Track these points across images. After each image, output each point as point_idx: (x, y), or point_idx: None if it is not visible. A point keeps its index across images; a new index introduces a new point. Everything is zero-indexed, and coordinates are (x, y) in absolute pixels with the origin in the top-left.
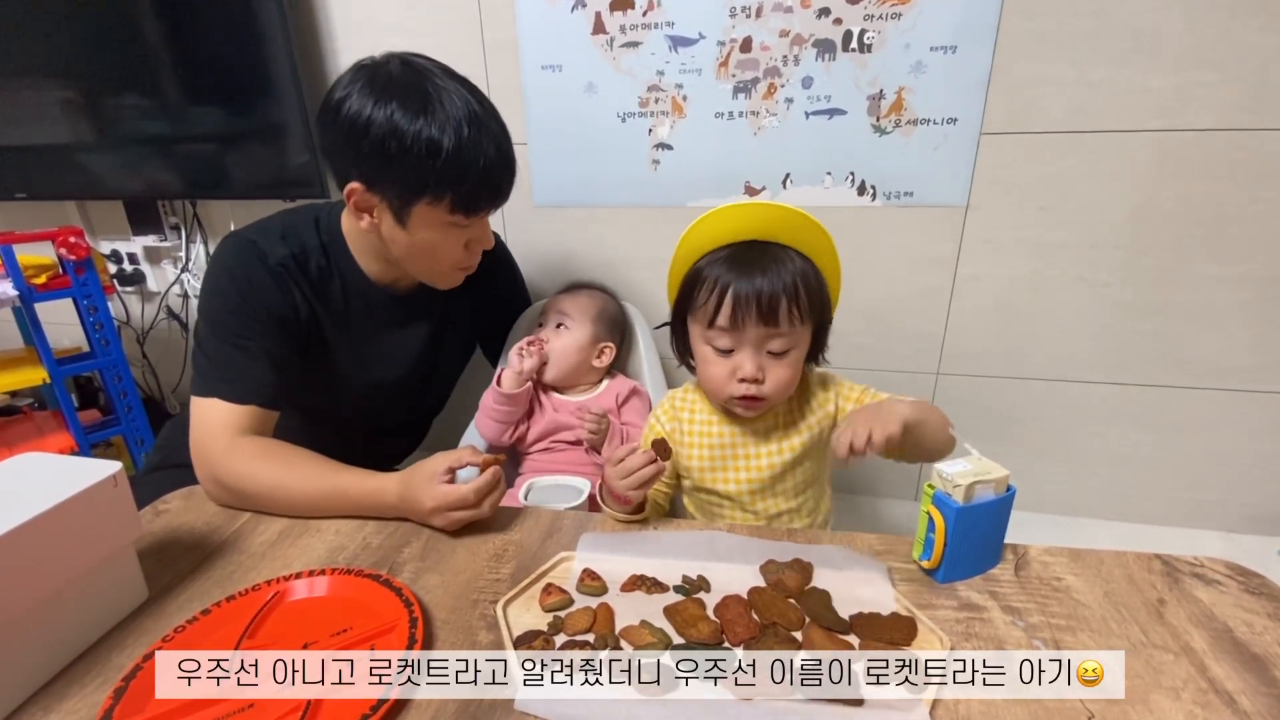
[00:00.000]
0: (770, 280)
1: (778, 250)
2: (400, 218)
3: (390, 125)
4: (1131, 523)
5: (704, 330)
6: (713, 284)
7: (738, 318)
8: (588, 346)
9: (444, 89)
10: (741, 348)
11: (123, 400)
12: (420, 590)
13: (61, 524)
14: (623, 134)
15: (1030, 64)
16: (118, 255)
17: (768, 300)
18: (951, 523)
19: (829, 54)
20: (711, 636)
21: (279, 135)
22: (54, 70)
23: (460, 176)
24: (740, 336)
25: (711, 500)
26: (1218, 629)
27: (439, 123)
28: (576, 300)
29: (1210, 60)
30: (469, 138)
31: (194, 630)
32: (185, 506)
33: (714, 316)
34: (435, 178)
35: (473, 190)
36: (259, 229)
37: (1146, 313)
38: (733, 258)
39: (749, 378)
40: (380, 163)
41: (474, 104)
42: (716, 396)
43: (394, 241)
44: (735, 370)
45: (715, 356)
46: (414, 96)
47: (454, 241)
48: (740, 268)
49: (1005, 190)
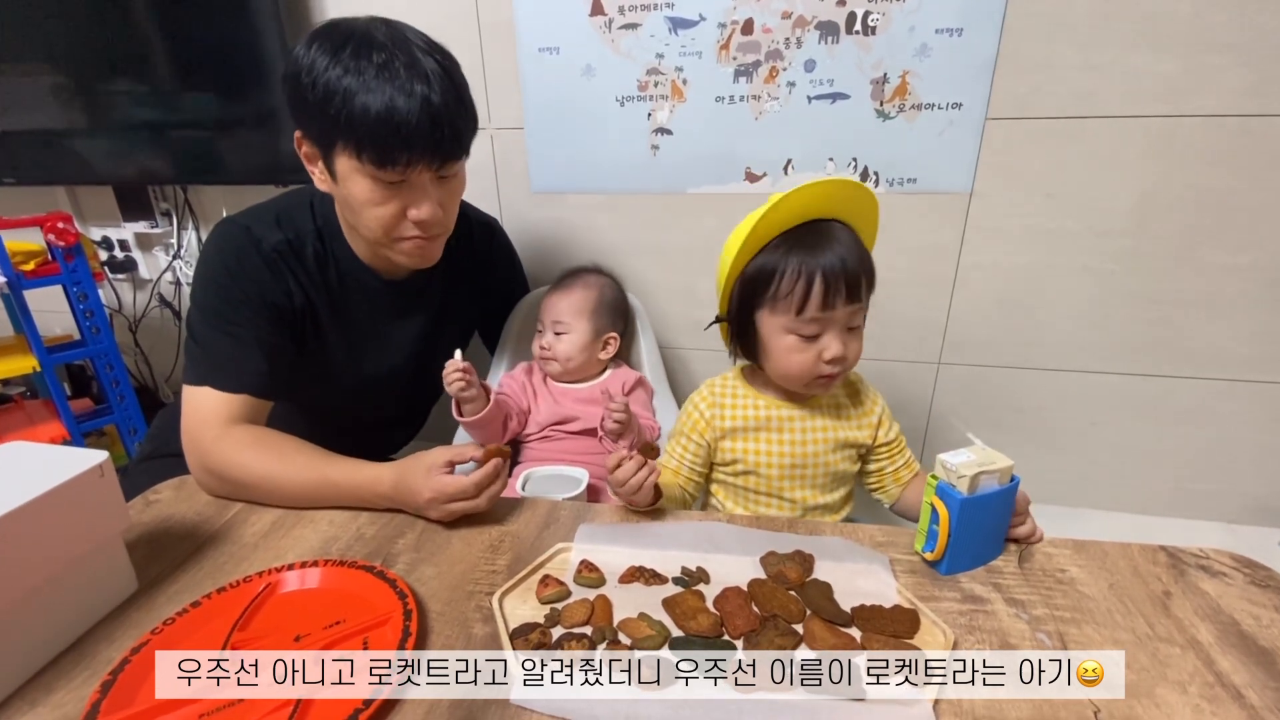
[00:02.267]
0: (845, 257)
1: (830, 226)
2: (331, 169)
3: (310, 67)
4: (1132, 513)
5: (789, 320)
6: (796, 273)
7: (830, 300)
8: (591, 344)
9: (377, 39)
10: (829, 329)
11: (115, 389)
12: (415, 582)
13: (46, 514)
14: (621, 118)
15: (1037, 47)
16: (108, 242)
17: (850, 276)
18: (955, 514)
19: (832, 36)
20: (711, 629)
21: (270, 120)
22: (44, 55)
23: (364, 116)
24: (829, 319)
25: (746, 486)
26: (1224, 622)
27: (348, 65)
28: (570, 299)
29: (1219, 43)
30: (379, 80)
31: (184, 623)
32: (176, 497)
33: (803, 304)
34: (344, 120)
35: (383, 137)
36: (253, 214)
37: (1151, 302)
38: (803, 241)
39: (838, 357)
40: (302, 105)
41: (409, 57)
42: (799, 380)
43: (337, 200)
44: (822, 353)
45: (800, 344)
46: (344, 43)
47: (382, 200)
48: (816, 250)
49: (1010, 177)
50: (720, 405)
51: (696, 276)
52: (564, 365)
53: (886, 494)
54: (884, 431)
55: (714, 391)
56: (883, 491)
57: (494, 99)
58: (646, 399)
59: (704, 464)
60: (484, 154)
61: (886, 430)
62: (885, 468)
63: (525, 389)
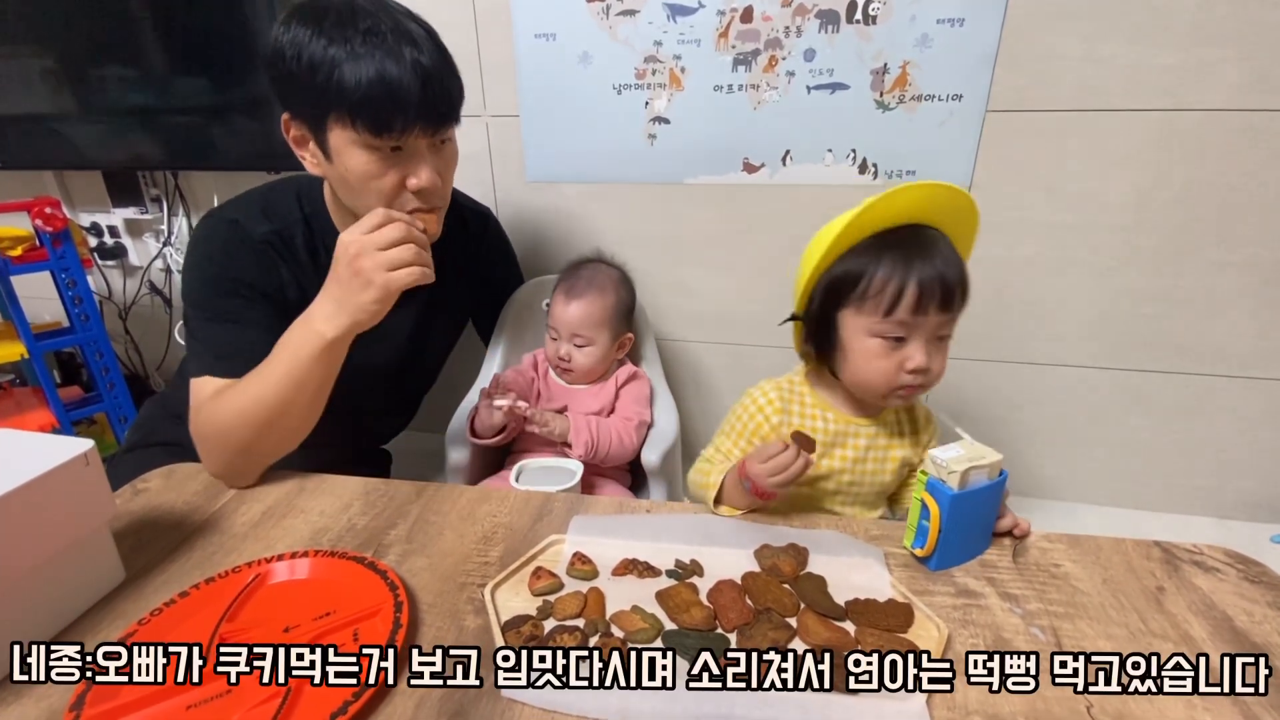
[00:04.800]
0: (944, 265)
1: (930, 232)
2: (324, 147)
3: (294, 42)
4: (1125, 508)
5: (875, 322)
6: (889, 273)
7: (923, 305)
8: (611, 351)
9: (360, 8)
10: (915, 337)
11: (105, 377)
12: (406, 573)
13: (30, 503)
14: (618, 107)
15: (1039, 38)
16: (98, 228)
17: (945, 286)
18: (946, 509)
19: (832, 25)
20: (704, 622)
21: (263, 105)
22: (33, 37)
23: (357, 85)
24: (918, 325)
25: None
26: (1217, 618)
27: (333, 35)
28: (590, 310)
29: (1222, 36)
30: (366, 47)
31: (172, 613)
32: (165, 485)
33: (893, 307)
34: (335, 90)
35: (377, 103)
36: (238, 206)
37: (1149, 297)
38: (901, 244)
39: (921, 368)
40: (289, 83)
41: (393, 22)
42: (878, 390)
43: (332, 180)
44: (904, 361)
45: (884, 349)
46: (323, 13)
47: (380, 171)
48: (915, 255)
49: (1009, 170)
50: (789, 413)
51: (691, 268)
52: (584, 375)
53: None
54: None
55: (783, 396)
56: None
57: (489, 86)
58: (641, 393)
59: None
60: (479, 142)
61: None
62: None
63: (533, 386)
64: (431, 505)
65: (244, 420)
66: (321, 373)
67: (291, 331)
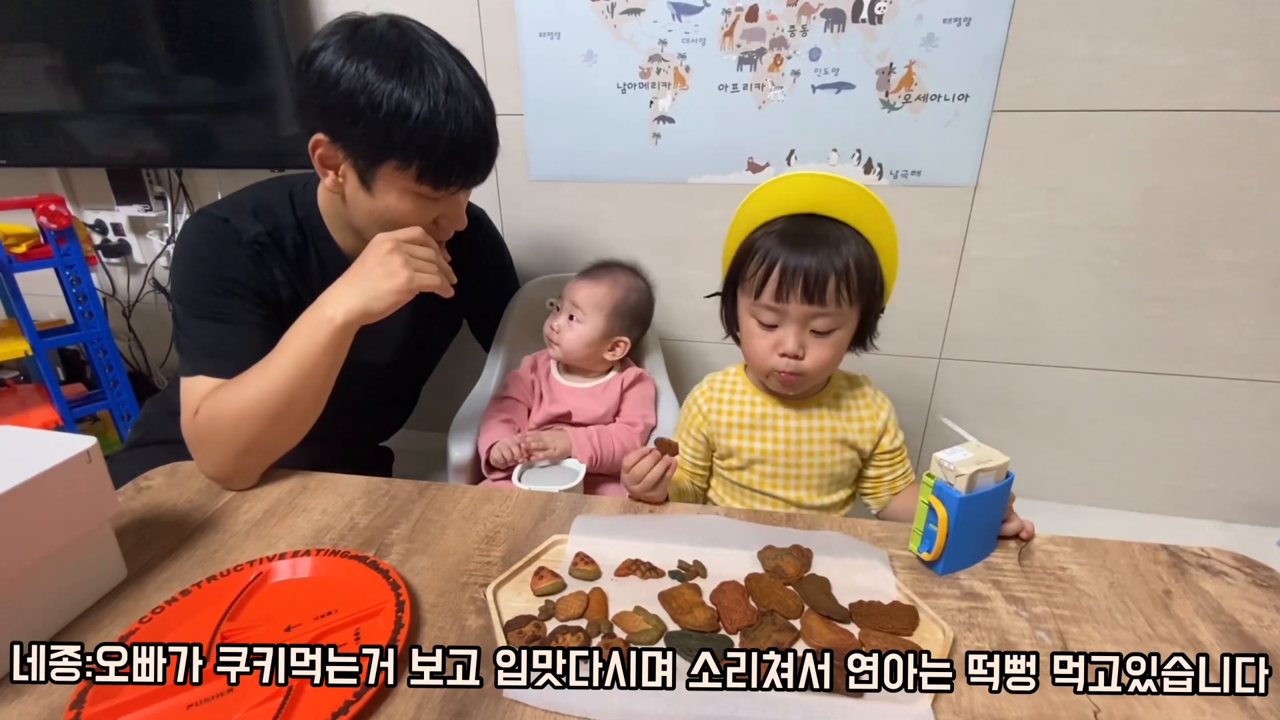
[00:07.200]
0: (821, 258)
1: (835, 227)
2: (365, 179)
3: (361, 80)
4: (1130, 511)
5: (750, 303)
6: (762, 257)
7: (783, 293)
8: (598, 342)
9: (428, 54)
10: (785, 323)
11: (108, 374)
12: (408, 572)
13: (31, 501)
14: (623, 106)
15: (1046, 38)
16: (102, 225)
17: (815, 278)
18: (954, 513)
19: (838, 24)
20: (708, 623)
21: (267, 104)
22: (38, 35)
23: (431, 142)
24: (785, 312)
25: (741, 482)
26: (1225, 622)
27: (413, 85)
28: (595, 290)
29: (1230, 37)
30: (446, 105)
31: (173, 611)
32: (168, 483)
33: (760, 290)
34: (404, 140)
35: (443, 160)
36: (229, 206)
37: (1154, 299)
38: (786, 231)
39: (790, 353)
40: (348, 118)
41: (459, 74)
42: (759, 369)
43: (357, 206)
44: (777, 345)
45: (760, 330)
46: (392, 55)
47: (420, 213)
48: (793, 242)
49: (1015, 170)
50: (718, 400)
51: (696, 268)
52: (565, 352)
53: (877, 500)
54: (889, 439)
55: (713, 386)
56: (873, 497)
57: (494, 84)
58: (647, 395)
59: (705, 458)
60: None
61: (891, 438)
62: (884, 475)
63: (533, 389)
64: (434, 504)
65: (250, 414)
66: (329, 361)
67: (300, 323)
